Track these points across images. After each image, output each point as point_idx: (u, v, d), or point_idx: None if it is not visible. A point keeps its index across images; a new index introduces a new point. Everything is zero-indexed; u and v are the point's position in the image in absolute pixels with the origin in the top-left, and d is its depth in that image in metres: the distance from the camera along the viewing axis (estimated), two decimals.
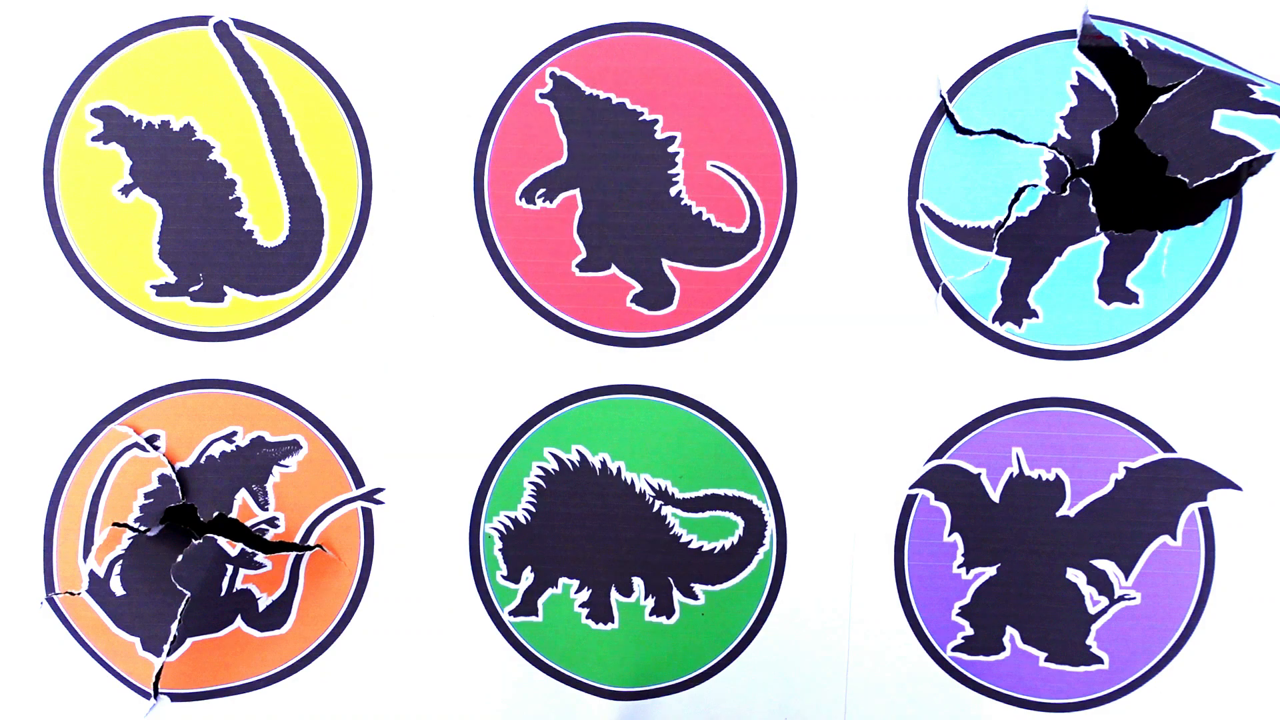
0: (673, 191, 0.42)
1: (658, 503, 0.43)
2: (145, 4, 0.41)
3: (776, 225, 0.42)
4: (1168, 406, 0.43)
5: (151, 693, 0.42)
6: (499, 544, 0.43)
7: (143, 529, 0.42)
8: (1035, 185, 0.42)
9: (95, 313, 0.42)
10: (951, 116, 0.42)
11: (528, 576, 0.44)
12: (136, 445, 0.42)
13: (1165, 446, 0.43)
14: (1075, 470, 0.43)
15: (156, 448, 0.42)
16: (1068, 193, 0.42)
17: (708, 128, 0.42)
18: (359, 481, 0.43)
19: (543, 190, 0.42)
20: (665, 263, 0.43)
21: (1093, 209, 0.42)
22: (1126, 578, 0.43)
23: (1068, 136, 0.41)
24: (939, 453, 0.43)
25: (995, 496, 0.43)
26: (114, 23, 0.41)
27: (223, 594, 0.43)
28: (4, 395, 0.42)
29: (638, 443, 0.43)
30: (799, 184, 0.42)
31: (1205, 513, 0.43)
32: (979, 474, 0.43)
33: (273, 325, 0.42)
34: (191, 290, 0.42)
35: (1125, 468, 0.43)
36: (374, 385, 0.43)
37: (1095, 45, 0.41)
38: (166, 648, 0.42)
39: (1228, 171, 0.40)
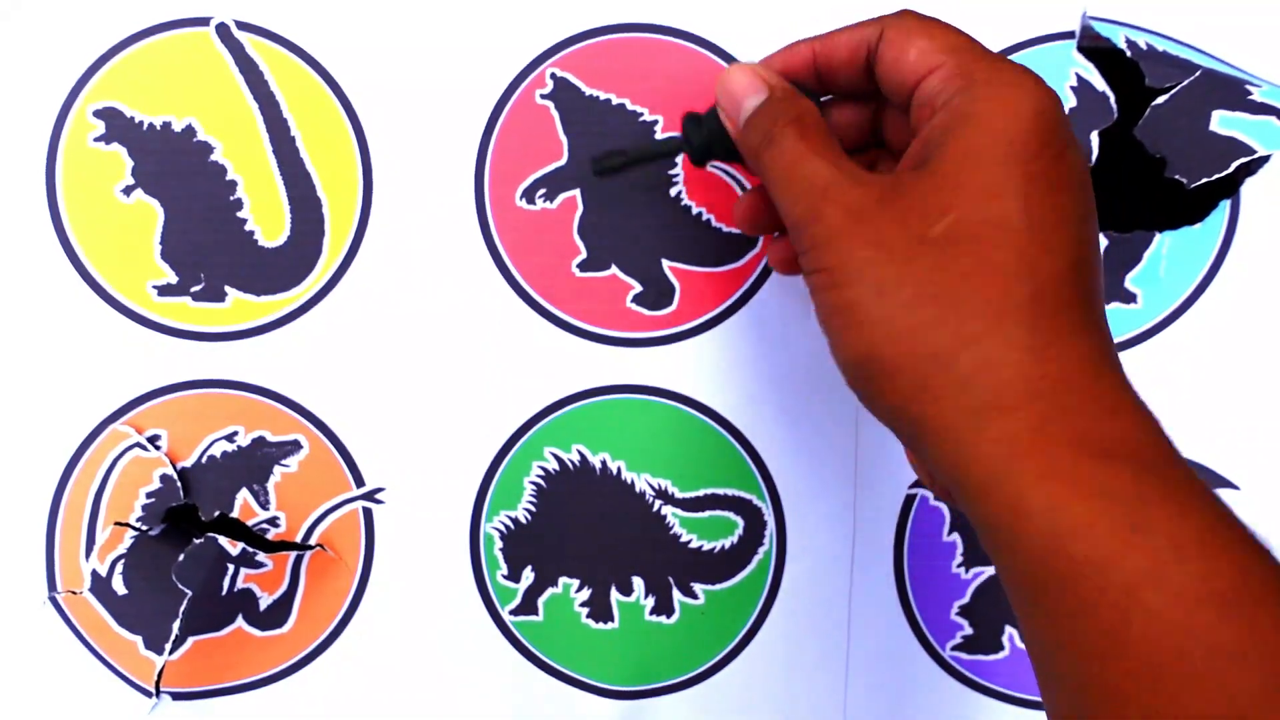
0: (673, 192, 0.42)
1: (658, 502, 0.43)
2: (147, 6, 0.41)
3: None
4: (1166, 406, 0.43)
5: (153, 691, 0.43)
6: (499, 543, 0.44)
7: (144, 528, 0.42)
8: None
9: (97, 313, 0.42)
10: None
11: (528, 576, 0.44)
12: (138, 445, 0.42)
13: None
14: None
15: (158, 447, 0.42)
16: None
17: None
18: (359, 481, 0.43)
19: (543, 191, 0.42)
20: (665, 263, 0.43)
21: None
22: None
23: None
24: None
25: None
26: (115, 24, 0.41)
27: (224, 593, 0.43)
28: (5, 395, 0.42)
29: (638, 442, 0.43)
30: None
31: None
32: None
33: (274, 325, 0.43)
34: (193, 290, 0.42)
35: None
36: (374, 385, 0.43)
37: (1094, 46, 0.41)
38: (168, 646, 0.42)
39: (1226, 172, 0.40)
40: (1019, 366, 0.26)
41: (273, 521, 0.43)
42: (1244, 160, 0.40)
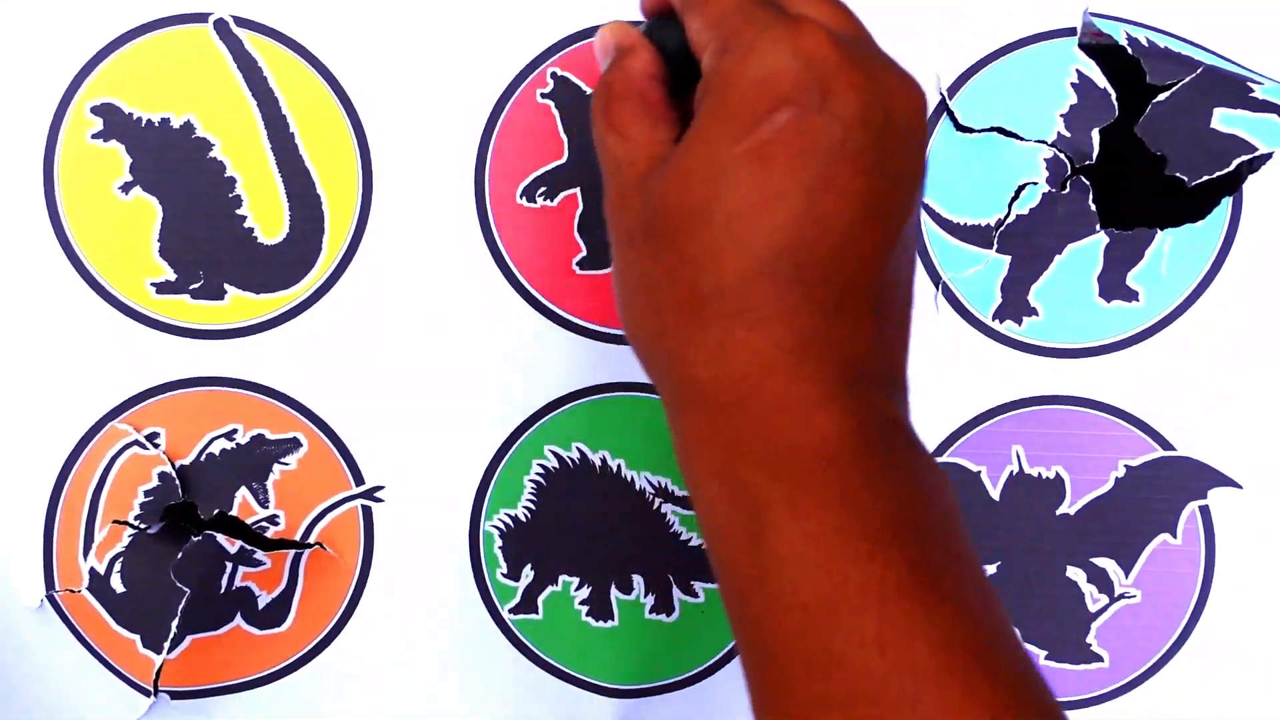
0: None
1: (658, 500, 0.43)
2: (145, 2, 0.41)
3: None
4: (1168, 404, 0.43)
5: (151, 690, 0.42)
6: (499, 541, 0.43)
7: (143, 526, 0.42)
8: (1035, 183, 0.42)
9: (95, 310, 0.42)
10: (951, 114, 0.42)
11: (528, 574, 0.44)
12: (137, 443, 0.42)
13: (1165, 444, 0.43)
14: (1075, 468, 0.43)
15: (157, 445, 0.42)
16: (1068, 190, 0.42)
17: None
18: (359, 479, 0.43)
19: (543, 189, 0.42)
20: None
21: (1093, 206, 0.42)
22: (1127, 576, 0.43)
23: (1067, 134, 0.42)
24: (939, 450, 0.43)
25: (995, 494, 0.43)
26: (114, 20, 0.41)
27: (222, 592, 0.43)
28: (4, 393, 0.42)
29: (637, 440, 0.43)
30: None
31: (1205, 511, 0.43)
32: (979, 472, 0.43)
33: (273, 323, 0.42)
34: (192, 288, 0.42)
35: (1125, 466, 0.43)
36: (374, 383, 0.43)
37: (1095, 43, 0.41)
38: (166, 645, 0.42)
39: (1226, 171, 0.40)
40: (692, 366, 0.25)
41: (272, 519, 0.43)
42: (1245, 158, 0.40)
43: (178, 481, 0.42)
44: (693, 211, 0.25)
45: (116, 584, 0.43)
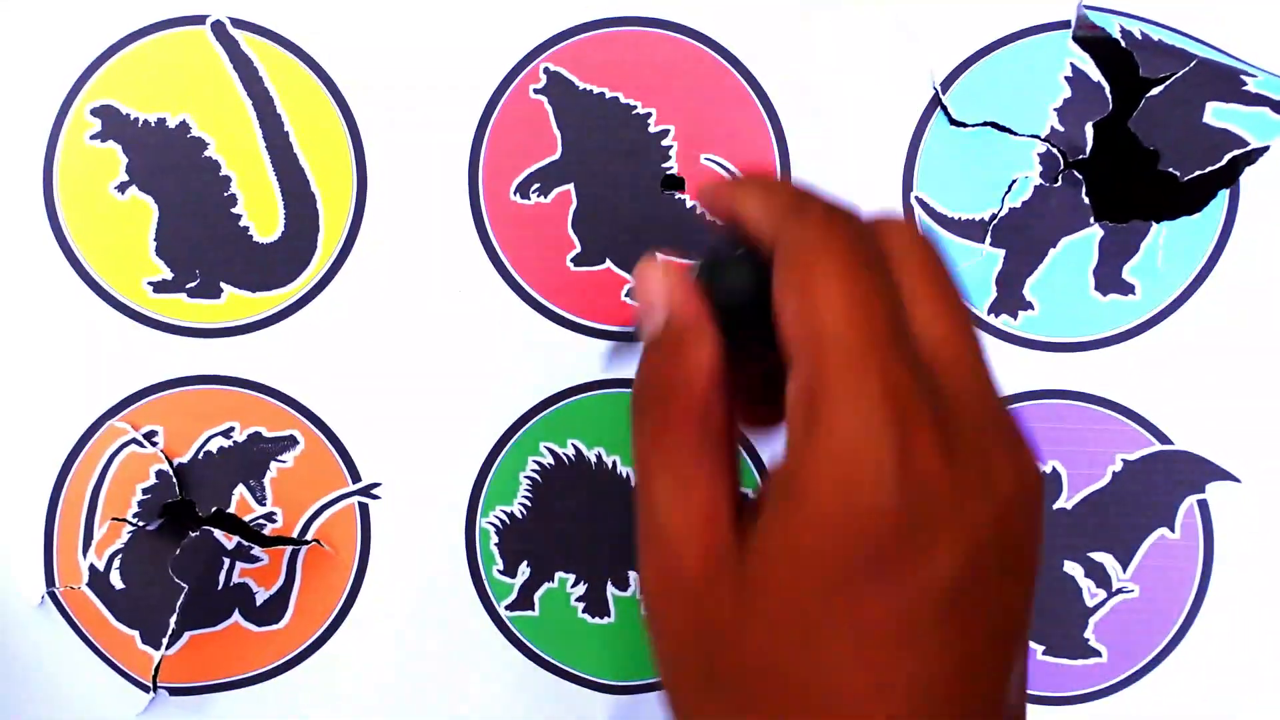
0: None
1: None
2: (144, 4, 0.42)
3: None
4: (1165, 398, 0.43)
5: (150, 686, 0.43)
6: (495, 538, 0.44)
7: (141, 524, 0.42)
8: (1028, 177, 0.42)
9: (93, 310, 0.42)
10: (945, 109, 0.42)
11: (524, 571, 0.44)
12: (135, 441, 0.42)
13: (1163, 438, 0.43)
14: (1072, 463, 0.43)
15: (154, 443, 0.43)
16: (1060, 184, 0.42)
17: (701, 121, 0.42)
18: (355, 477, 0.43)
19: (537, 185, 0.42)
20: (660, 256, 0.42)
21: (1086, 200, 0.42)
22: (1124, 571, 0.43)
23: (1061, 128, 0.41)
24: None
25: None
26: (114, 24, 0.42)
27: (220, 588, 0.43)
28: (3, 392, 0.42)
29: None
30: (793, 177, 0.42)
31: (1204, 505, 0.43)
32: None
33: (269, 321, 0.43)
34: (188, 287, 0.42)
35: (1123, 460, 0.43)
36: (369, 381, 0.43)
37: (1089, 36, 0.41)
38: (165, 641, 0.42)
39: (1218, 165, 0.39)
40: None
41: (269, 517, 0.43)
42: (1237, 152, 0.40)
43: (175, 479, 0.42)
44: (758, 669, 0.20)
45: (116, 580, 0.43)
